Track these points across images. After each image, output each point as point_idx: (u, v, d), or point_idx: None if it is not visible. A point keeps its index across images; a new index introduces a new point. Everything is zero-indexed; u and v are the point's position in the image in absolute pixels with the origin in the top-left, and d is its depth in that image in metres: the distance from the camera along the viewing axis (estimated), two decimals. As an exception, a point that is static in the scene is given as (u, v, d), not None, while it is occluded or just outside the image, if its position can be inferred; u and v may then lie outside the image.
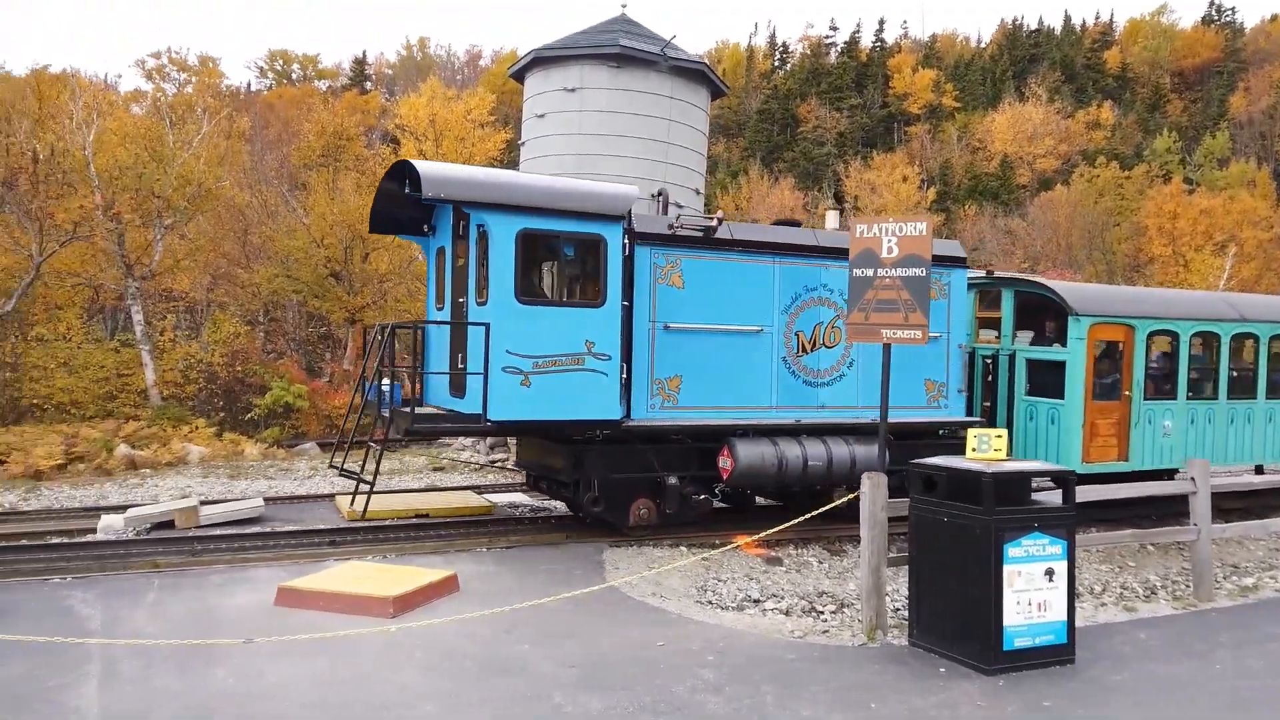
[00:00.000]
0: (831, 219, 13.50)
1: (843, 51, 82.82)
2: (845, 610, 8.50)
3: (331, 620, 7.07)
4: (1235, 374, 13.58)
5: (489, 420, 9.38)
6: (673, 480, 10.43)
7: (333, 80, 71.29)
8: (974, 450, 6.82)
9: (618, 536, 10.49)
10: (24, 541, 9.86)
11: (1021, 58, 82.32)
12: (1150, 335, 12.42)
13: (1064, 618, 6.52)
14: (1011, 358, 12.76)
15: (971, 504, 6.40)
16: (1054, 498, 6.83)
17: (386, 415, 10.35)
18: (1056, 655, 6.48)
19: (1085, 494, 7.52)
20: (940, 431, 12.14)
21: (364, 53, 76.14)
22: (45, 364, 20.50)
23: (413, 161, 9.61)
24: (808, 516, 9.25)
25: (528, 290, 9.69)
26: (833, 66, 79.27)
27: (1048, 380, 12.27)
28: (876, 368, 11.15)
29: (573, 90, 18.72)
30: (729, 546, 9.89)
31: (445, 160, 33.00)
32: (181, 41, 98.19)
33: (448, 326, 10.84)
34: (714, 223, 10.69)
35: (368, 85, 70.75)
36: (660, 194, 18.31)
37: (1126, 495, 8.79)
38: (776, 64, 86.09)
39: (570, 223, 9.72)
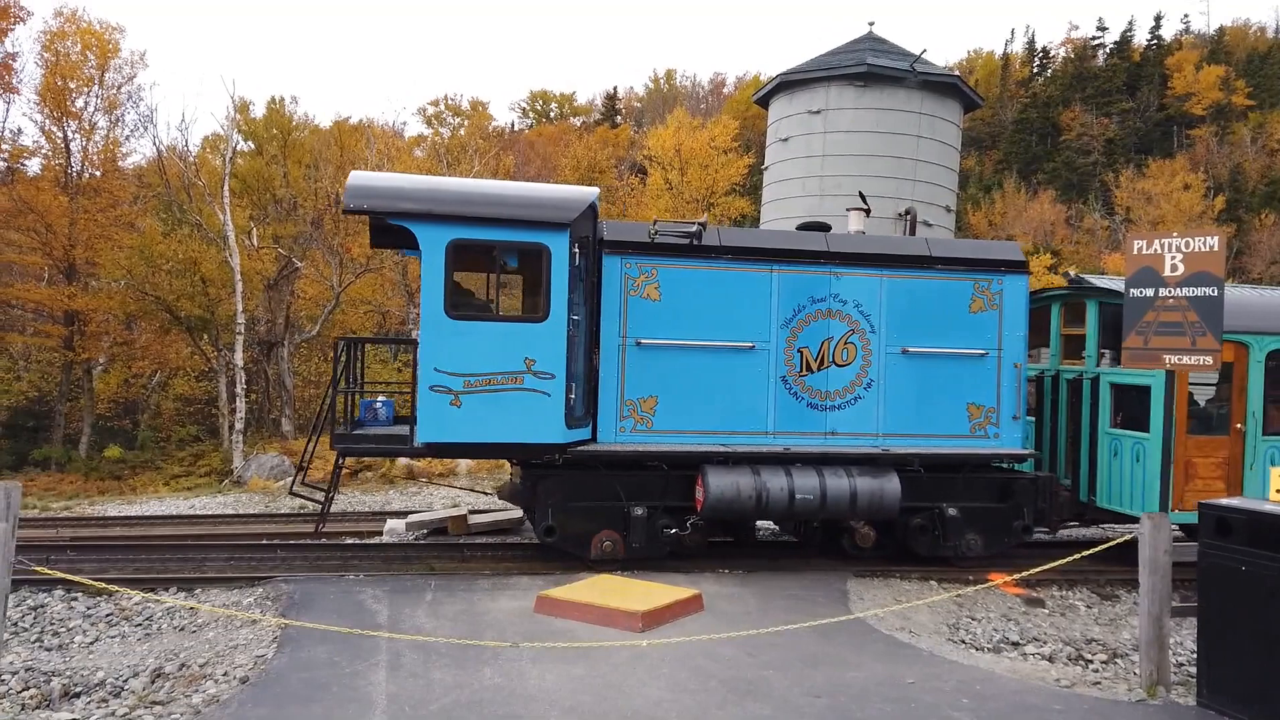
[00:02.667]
0: (855, 220, 11.92)
1: (1112, 52, 76.37)
2: (1118, 661, 7.79)
3: (585, 630, 7.43)
4: None
5: (417, 442, 8.94)
6: (639, 511, 9.57)
7: (586, 116, 75.27)
8: (1278, 491, 6.04)
9: (862, 566, 10.21)
10: (324, 541, 11.15)
11: (1334, 44, 72.08)
12: (1273, 355, 10.27)
13: (1398, 691, 5.60)
14: (1095, 382, 10.87)
15: (1277, 552, 5.67)
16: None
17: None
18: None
19: None
20: (1002, 464, 10.58)
21: (614, 88, 79.88)
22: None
23: (354, 173, 9.28)
24: (1076, 556, 8.55)
25: (459, 304, 9.07)
26: (1100, 69, 73.30)
27: (1136, 410, 10.32)
28: (903, 389, 10.09)
29: (817, 112, 18.63)
30: (984, 585, 9.37)
31: (690, 187, 33.82)
32: (456, 88, 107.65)
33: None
34: (694, 228, 9.87)
35: (618, 119, 74.05)
36: (908, 212, 17.78)
37: None
38: (1035, 70, 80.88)
39: (508, 231, 9.02)
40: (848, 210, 11.91)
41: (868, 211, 11.93)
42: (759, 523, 11.34)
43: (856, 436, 10.12)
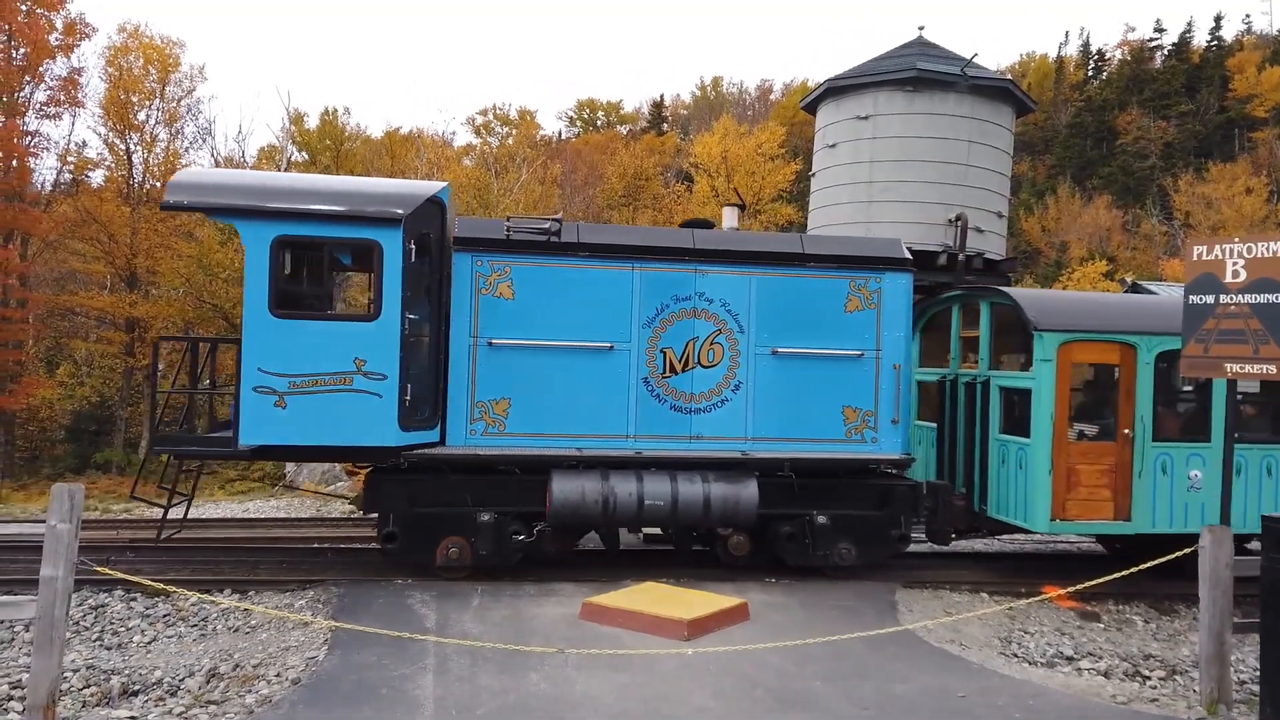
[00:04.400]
0: (729, 216, 11.14)
1: (1170, 54, 74.64)
2: (1177, 678, 7.58)
3: (630, 637, 7.43)
4: None
5: (240, 445, 8.59)
6: (486, 517, 9.20)
7: (633, 124, 75.51)
8: (1348, 506, 5.84)
9: (911, 577, 10.07)
10: (374, 546, 11.29)
11: (1407, 42, 69.66)
12: (1164, 357, 9.70)
13: None
14: (985, 386, 10.43)
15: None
16: None
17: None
18: None
19: None
20: (892, 471, 10.03)
21: (661, 96, 79.81)
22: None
23: (182, 170, 9.00)
24: (1132, 570, 8.34)
25: (286, 302, 8.68)
26: (1158, 71, 71.67)
27: (1023, 415, 9.79)
28: (772, 392, 9.67)
29: (865, 118, 18.44)
30: (1037, 598, 9.18)
31: (738, 192, 33.74)
32: (504, 97, 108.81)
33: None
34: (548, 224, 9.54)
35: (664, 127, 74.20)
36: (958, 218, 17.59)
37: None
38: (1090, 73, 79.36)
39: (338, 227, 8.75)
40: (724, 207, 11.41)
41: (743, 207, 11.49)
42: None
43: (723, 441, 9.70)
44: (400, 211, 8.77)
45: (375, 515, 9.93)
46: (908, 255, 10.24)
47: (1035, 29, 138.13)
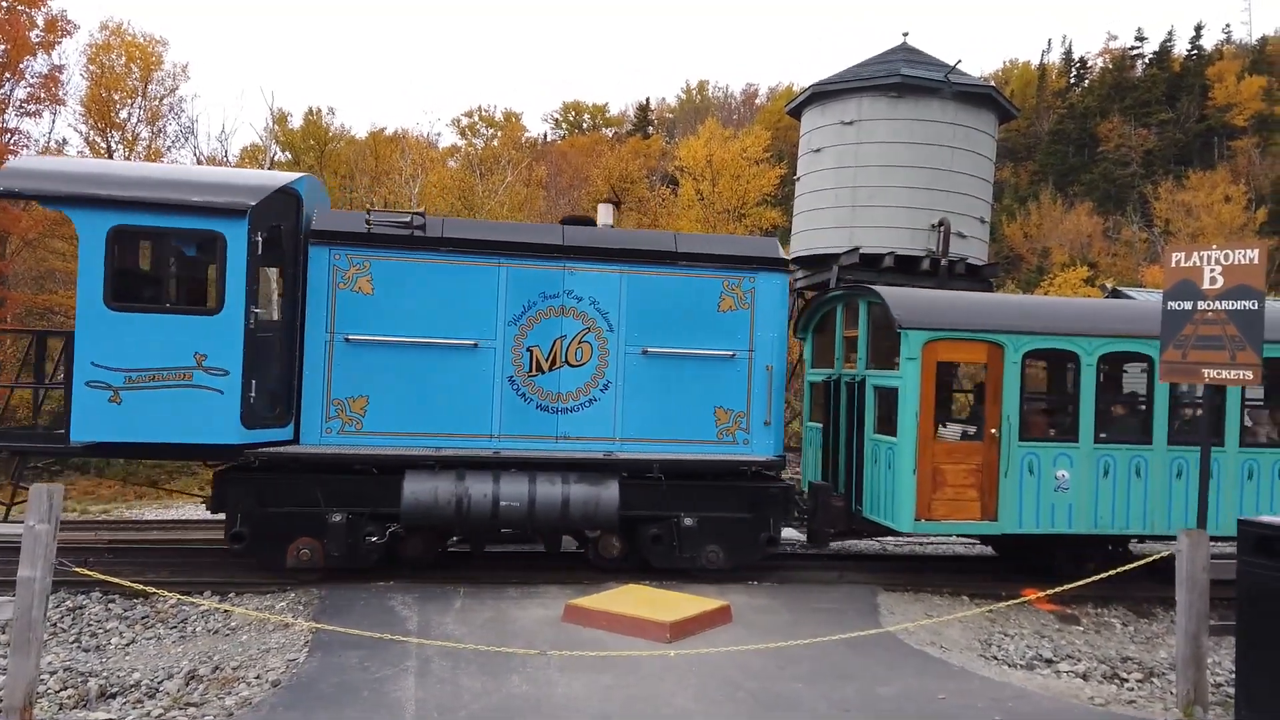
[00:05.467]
0: (605, 214, 11.13)
1: (1151, 63, 75.40)
2: (1154, 680, 7.65)
3: (613, 639, 7.43)
4: (1189, 412, 10.31)
5: (72, 441, 8.31)
6: (338, 518, 9.00)
7: (618, 127, 75.56)
8: (1321, 510, 5.92)
9: (893, 579, 10.12)
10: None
11: (1382, 53, 70.60)
12: (1030, 356, 9.79)
13: None
14: (861, 386, 10.41)
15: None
16: None
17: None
18: None
19: None
20: (748, 471, 9.78)
21: (647, 99, 79.83)
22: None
23: (17, 157, 8.98)
24: (1112, 573, 8.42)
25: (122, 294, 8.44)
26: (1139, 79, 72.39)
27: (894, 414, 9.70)
28: (642, 392, 9.62)
29: (850, 123, 18.56)
30: (1017, 600, 9.25)
31: (722, 198, 33.83)
32: (490, 99, 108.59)
33: None
34: (410, 217, 9.34)
35: (650, 130, 74.27)
36: (941, 223, 17.71)
37: None
38: (1072, 81, 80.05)
39: (180, 218, 8.46)
40: (599, 204, 11.35)
41: (618, 204, 11.42)
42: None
43: (591, 441, 9.57)
44: (246, 202, 8.53)
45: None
46: (783, 255, 10.20)
47: (1018, 37, 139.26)
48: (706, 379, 9.72)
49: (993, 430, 9.66)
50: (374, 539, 9.16)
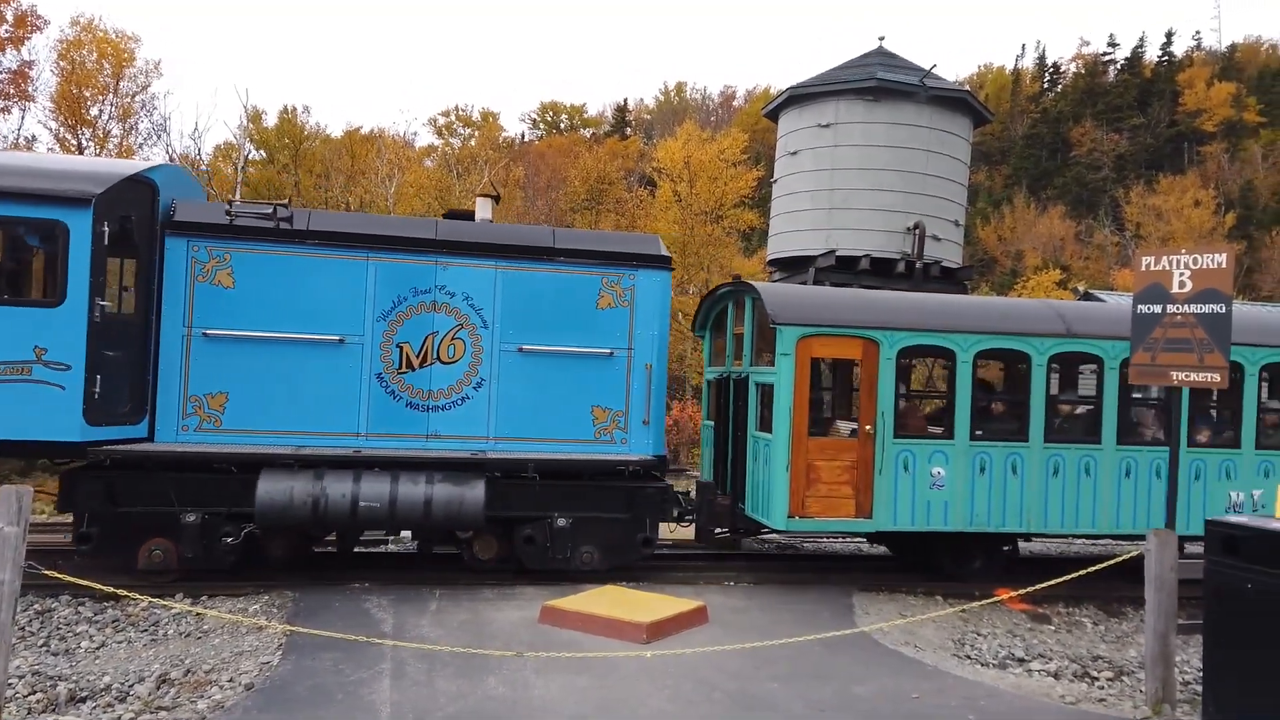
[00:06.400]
0: (483, 208, 10.87)
1: (1123, 68, 76.41)
2: (1124, 679, 7.75)
3: (590, 640, 7.43)
4: (1068, 409, 10.45)
5: None
6: (191, 518, 8.70)
7: (596, 128, 75.49)
8: (1286, 510, 6.03)
9: (868, 580, 10.19)
10: (330, 549, 11.15)
11: (1347, 61, 71.98)
12: (905, 352, 9.79)
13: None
14: (744, 383, 10.39)
15: (1284, 571, 5.64)
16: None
17: None
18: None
19: None
20: (625, 471, 9.53)
21: (625, 100, 79.72)
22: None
23: None
24: (1083, 573, 8.52)
25: None
26: (1111, 85, 73.36)
27: (769, 411, 9.65)
28: (516, 389, 9.51)
29: (826, 126, 18.66)
30: (990, 600, 9.33)
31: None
32: (467, 98, 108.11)
33: None
34: (274, 208, 9.11)
35: (628, 131, 74.27)
36: (916, 226, 17.85)
37: None
38: (1046, 85, 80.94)
39: (21, 207, 8.16)
40: (477, 197, 11.10)
41: (497, 199, 11.16)
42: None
43: (464, 440, 9.40)
44: (90, 191, 8.23)
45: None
46: (664, 253, 10.06)
47: (993, 42, 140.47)
48: (584, 377, 9.59)
49: (867, 427, 9.59)
50: (230, 540, 8.88)
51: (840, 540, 13.05)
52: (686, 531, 10.68)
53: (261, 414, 9.05)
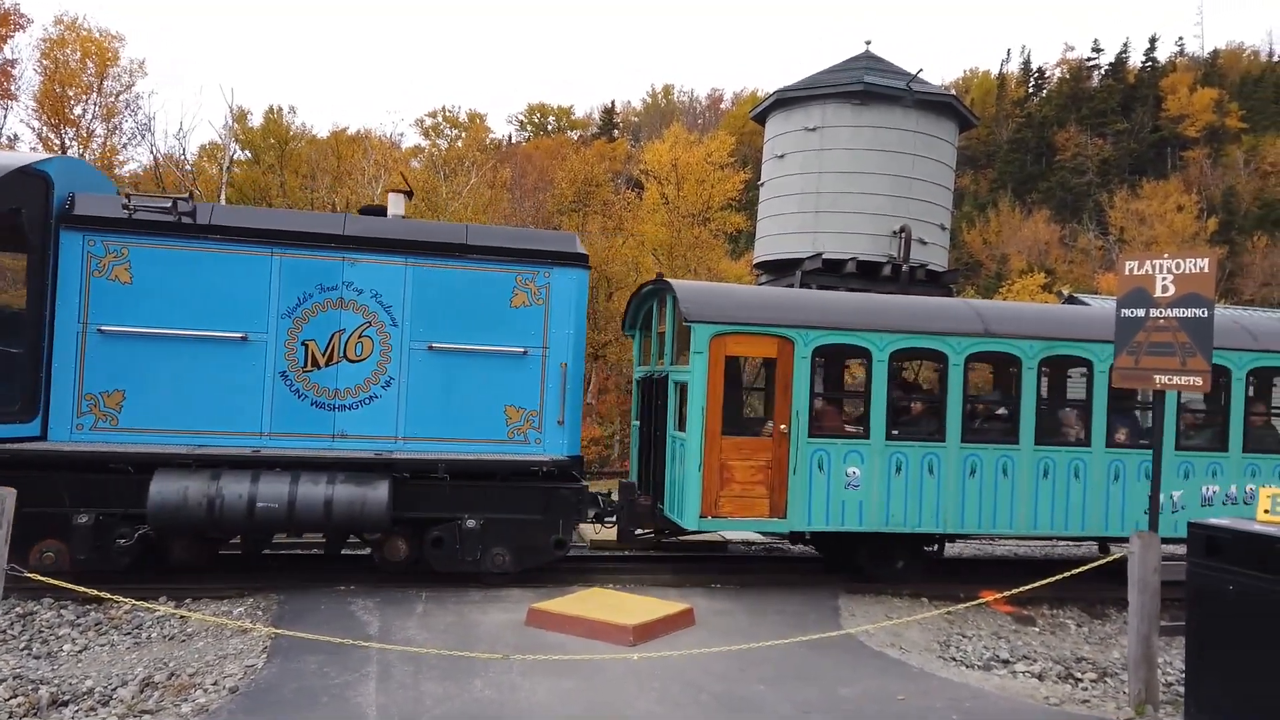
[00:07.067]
0: (395, 203, 10.60)
1: (1107, 74, 77.06)
2: (1108, 680, 7.80)
3: (576, 643, 7.42)
4: (985, 409, 10.44)
5: None
6: (84, 519, 8.51)
7: (584, 130, 75.53)
8: (1267, 511, 6.09)
9: (854, 583, 10.22)
10: (315, 551, 11.12)
11: (1327, 68, 72.80)
12: (820, 351, 9.70)
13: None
14: (665, 382, 10.31)
15: (1267, 573, 5.70)
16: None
17: None
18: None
19: None
20: (539, 472, 9.37)
21: (612, 102, 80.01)
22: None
23: None
24: (1067, 575, 8.58)
25: None
26: (1095, 90, 74.00)
27: (685, 410, 9.55)
28: (426, 388, 9.37)
29: (813, 129, 18.74)
30: (975, 602, 9.38)
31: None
32: (454, 100, 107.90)
33: None
34: (171, 202, 8.89)
35: (615, 133, 74.32)
36: (902, 230, 17.94)
37: None
38: (1031, 90, 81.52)
39: None
40: (389, 193, 10.94)
41: (409, 194, 10.97)
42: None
43: (371, 440, 9.22)
44: None
45: None
46: (580, 250, 9.89)
47: (978, 47, 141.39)
48: (496, 376, 9.41)
49: (782, 426, 9.48)
50: (124, 541, 8.68)
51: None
52: (610, 532, 10.62)
53: (160, 413, 8.85)
